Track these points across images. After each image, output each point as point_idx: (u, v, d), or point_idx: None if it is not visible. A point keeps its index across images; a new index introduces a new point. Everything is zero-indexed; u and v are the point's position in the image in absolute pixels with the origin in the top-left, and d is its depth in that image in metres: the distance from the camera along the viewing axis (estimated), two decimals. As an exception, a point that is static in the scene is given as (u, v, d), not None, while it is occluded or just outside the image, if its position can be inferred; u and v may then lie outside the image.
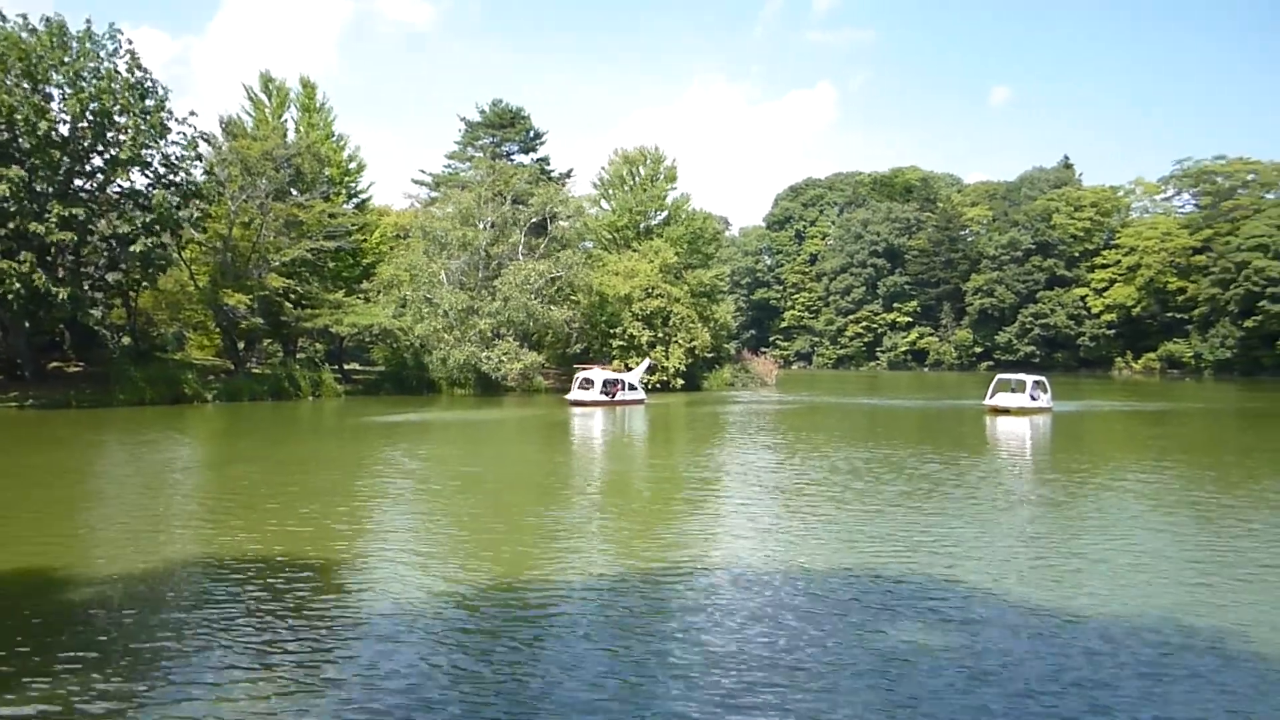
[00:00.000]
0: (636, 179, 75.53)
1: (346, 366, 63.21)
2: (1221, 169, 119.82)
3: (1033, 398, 45.49)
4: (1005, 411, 43.91)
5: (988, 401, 45.74)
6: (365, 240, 64.98)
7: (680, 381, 65.93)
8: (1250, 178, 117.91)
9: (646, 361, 59.33)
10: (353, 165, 66.23)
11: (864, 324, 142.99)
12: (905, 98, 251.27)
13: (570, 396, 49.56)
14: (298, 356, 59.89)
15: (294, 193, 55.67)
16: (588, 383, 50.12)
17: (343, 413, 43.46)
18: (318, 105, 64.14)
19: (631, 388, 51.84)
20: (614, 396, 49.82)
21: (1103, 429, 40.24)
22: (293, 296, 54.66)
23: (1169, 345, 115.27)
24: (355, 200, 66.64)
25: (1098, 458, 28.19)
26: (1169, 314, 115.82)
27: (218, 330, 55.88)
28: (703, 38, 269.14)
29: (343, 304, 55.98)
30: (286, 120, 62.44)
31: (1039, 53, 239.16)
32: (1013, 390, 46.74)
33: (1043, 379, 48.16)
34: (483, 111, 78.05)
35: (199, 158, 49.63)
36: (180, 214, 45.59)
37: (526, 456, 28.83)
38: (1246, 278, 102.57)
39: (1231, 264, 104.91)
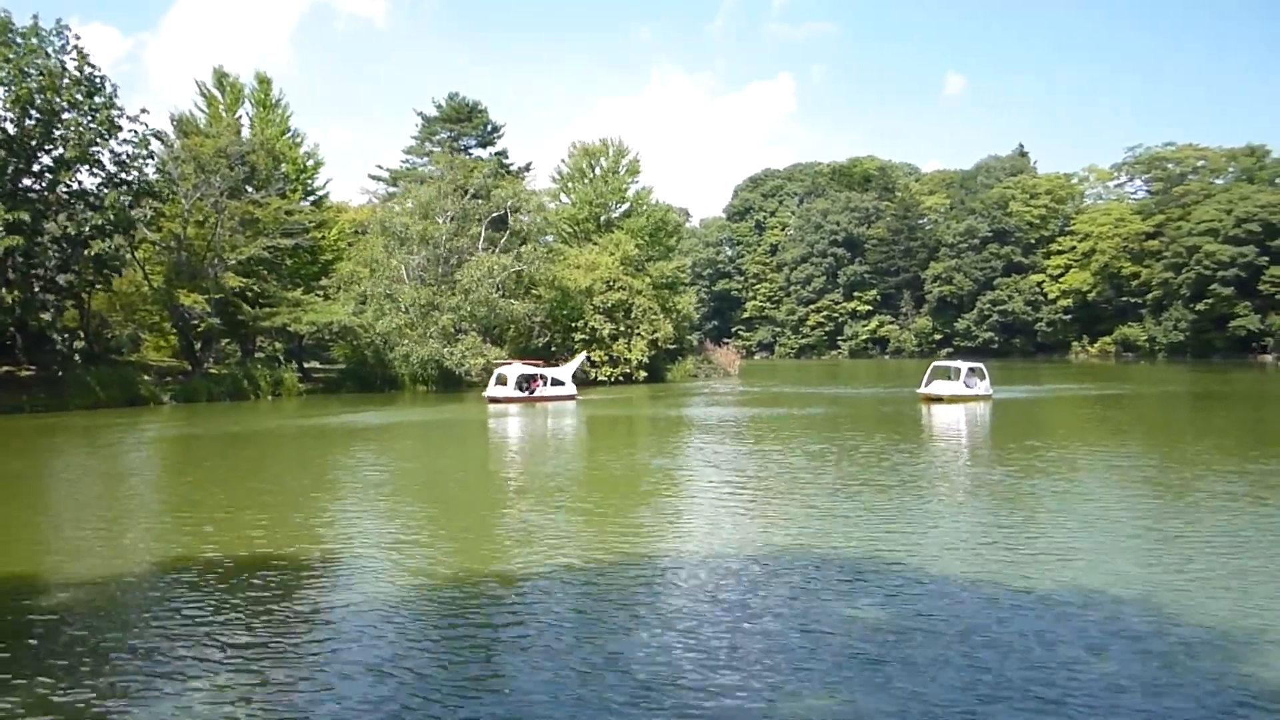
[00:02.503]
0: (597, 171, 75.45)
1: (307, 365, 62.59)
2: (1172, 155, 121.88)
3: (967, 385, 45.21)
4: (939, 399, 43.66)
5: (922, 390, 45.37)
6: (323, 237, 64.30)
7: (643, 373, 66.07)
8: (1200, 164, 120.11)
9: (581, 355, 57.55)
10: (310, 162, 65.53)
11: (825, 313, 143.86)
12: (863, 88, 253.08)
13: (487, 393, 47.25)
14: (256, 356, 59.22)
15: (249, 190, 54.94)
16: (503, 379, 47.45)
17: (303, 412, 43.03)
18: (273, 101, 63.35)
19: (557, 383, 49.11)
20: (533, 392, 47.38)
21: (1045, 414, 40.83)
22: (250, 295, 53.99)
23: (1124, 329, 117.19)
24: (312, 197, 65.90)
25: (1028, 443, 28.49)
26: (1123, 298, 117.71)
27: (174, 331, 55.08)
28: (662, 30, 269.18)
29: (301, 302, 55.36)
30: (241, 117, 61.64)
31: (993, 42, 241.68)
32: (948, 378, 46.36)
33: (979, 366, 47.89)
34: (440, 106, 77.58)
35: (151, 156, 48.84)
36: (133, 214, 44.87)
37: (483, 455, 28.76)
38: (1198, 262, 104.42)
39: (1183, 249, 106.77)
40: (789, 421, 36.52)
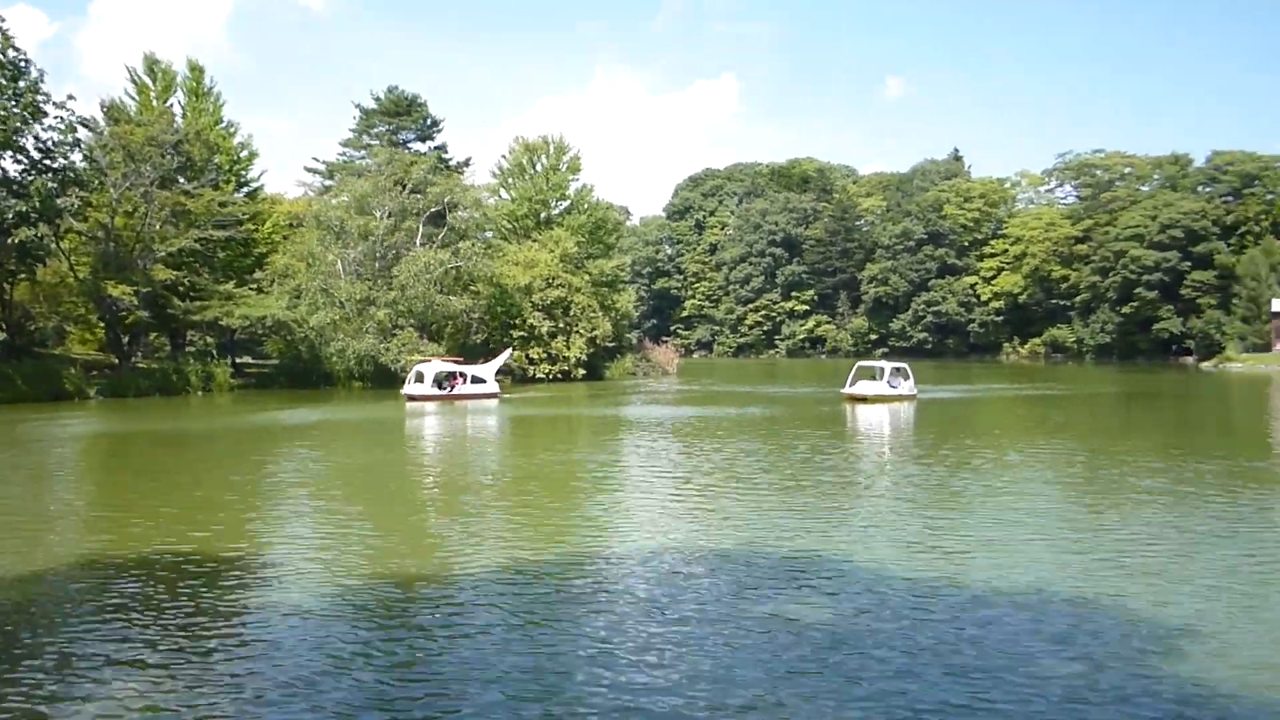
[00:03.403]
0: (538, 168, 75.15)
1: (239, 360, 61.48)
2: (1100, 162, 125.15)
3: (891, 385, 45.05)
4: (863, 399, 43.45)
5: (847, 390, 44.96)
6: (257, 230, 63.21)
7: (582, 371, 65.99)
8: (1127, 171, 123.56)
9: (506, 353, 56.13)
10: (244, 153, 64.36)
11: (763, 312, 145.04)
12: (804, 89, 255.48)
13: (404, 391, 45.85)
14: (187, 350, 58.01)
15: (181, 181, 53.75)
16: (421, 376, 46.15)
17: (233, 409, 42.30)
18: (205, 90, 62.07)
19: (478, 380, 47.95)
20: (452, 390, 46.39)
21: (971, 414, 41.51)
22: (181, 288, 52.85)
23: (1053, 330, 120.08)
24: (246, 189, 64.73)
25: (953, 443, 29.13)
26: (1053, 301, 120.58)
27: (100, 324, 53.66)
28: (605, 27, 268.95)
29: (234, 295, 54.32)
30: (173, 105, 60.28)
31: (932, 46, 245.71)
32: (873, 378, 45.97)
33: (903, 366, 48.00)
34: (378, 99, 76.61)
35: (78, 143, 47.60)
36: (59, 202, 43.67)
37: (406, 456, 28.55)
38: (1124, 266, 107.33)
39: (1110, 253, 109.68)
40: (724, 422, 36.75)
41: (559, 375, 65.07)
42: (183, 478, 21.64)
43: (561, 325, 65.87)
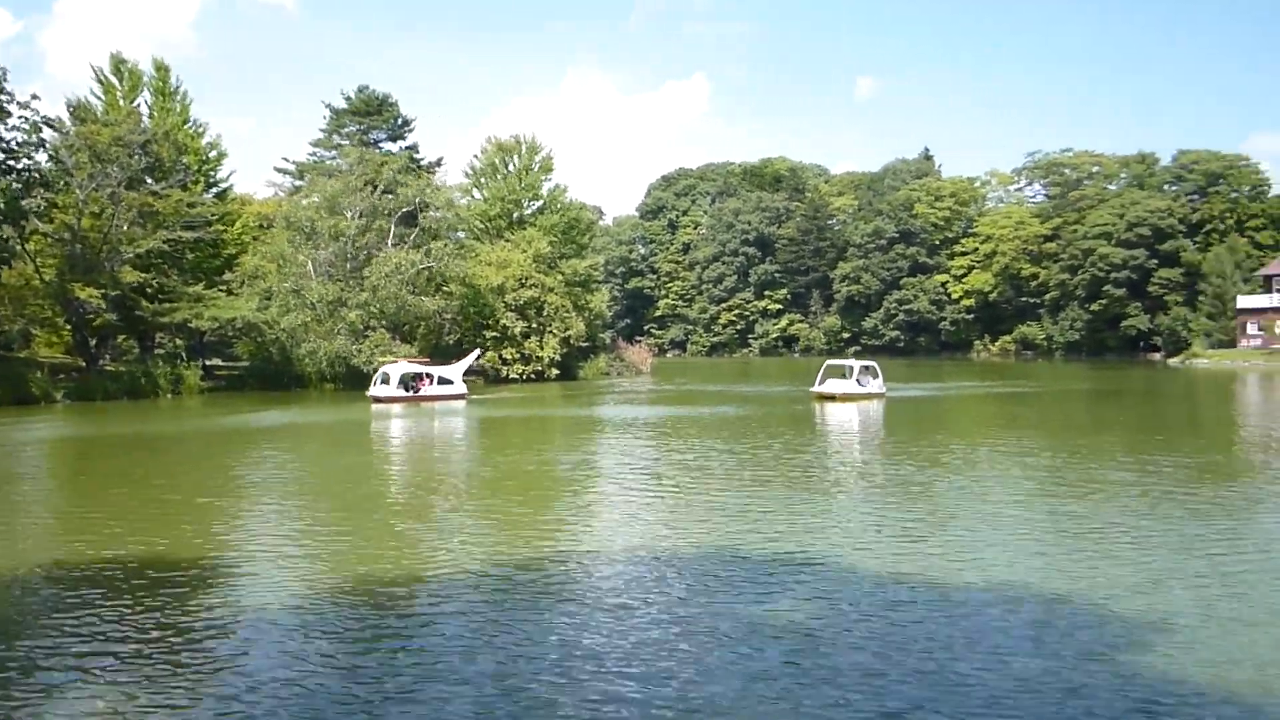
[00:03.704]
0: (511, 168, 74.96)
1: (209, 362, 60.89)
2: (1069, 161, 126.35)
3: (860, 383, 45.23)
4: (832, 398, 43.56)
5: (816, 388, 44.91)
6: (226, 231, 62.61)
7: (555, 371, 65.91)
8: (1095, 169, 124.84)
9: (474, 353, 55.70)
10: (212, 153, 63.75)
11: (736, 312, 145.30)
12: (776, 89, 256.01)
13: (370, 393, 45.41)
14: (156, 353, 57.41)
15: (149, 181, 53.16)
16: (386, 377, 45.79)
17: (202, 412, 41.91)
18: (172, 89, 61.44)
19: (445, 381, 47.57)
20: (418, 391, 45.99)
21: (941, 412, 41.80)
22: (149, 290, 52.28)
23: (1023, 328, 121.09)
24: (215, 189, 64.10)
25: (925, 441, 29.35)
26: (1023, 299, 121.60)
27: (67, 326, 52.99)
28: (577, 27, 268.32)
29: (203, 297, 53.81)
30: (140, 104, 59.61)
31: (903, 47, 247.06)
32: (843, 376, 46.08)
33: (872, 364, 48.10)
34: (349, 98, 76.09)
35: (43, 144, 46.99)
36: (24, 203, 43.07)
37: (374, 458, 28.42)
38: (1092, 264, 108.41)
39: (1079, 251, 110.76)
40: (696, 421, 36.82)
41: (532, 376, 64.96)
42: (150, 482, 21.43)
43: (535, 325, 65.74)
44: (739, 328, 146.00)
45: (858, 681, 8.75)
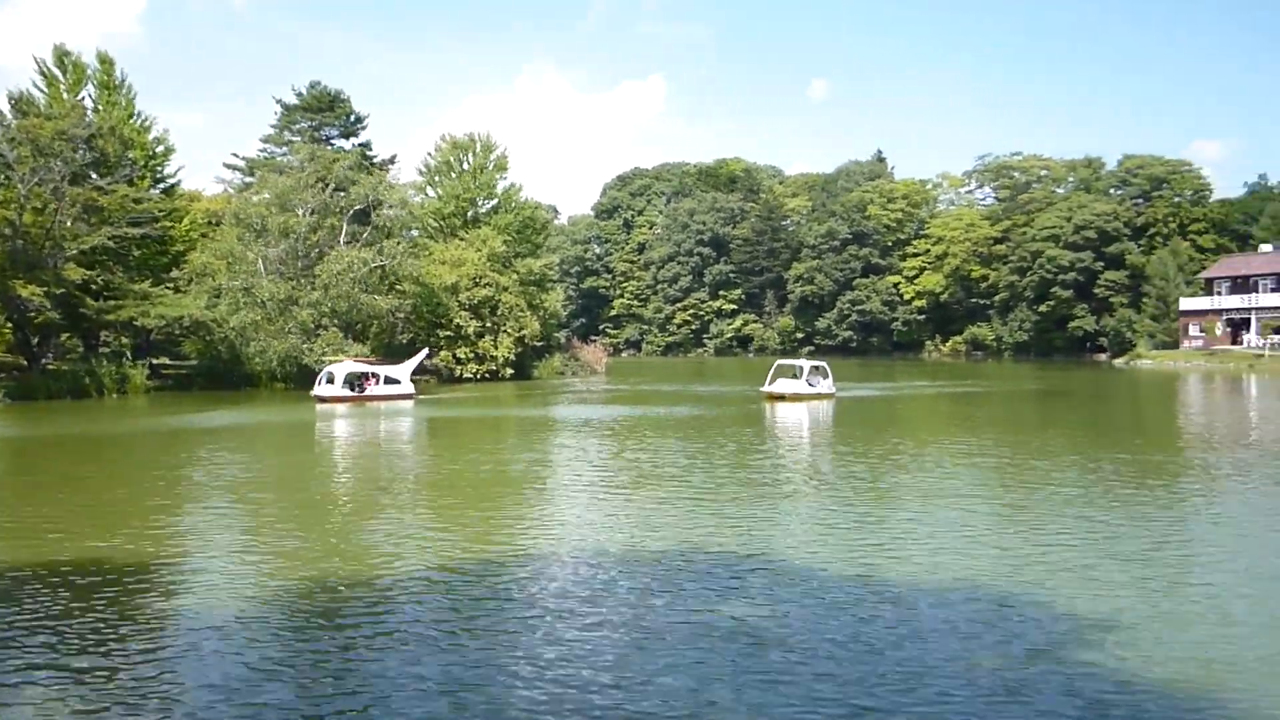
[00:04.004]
0: (465, 166, 74.51)
1: (155, 361, 59.80)
2: (1018, 164, 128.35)
3: (810, 384, 45.18)
4: (782, 398, 43.56)
5: (766, 388, 44.81)
6: (174, 227, 61.49)
7: (510, 371, 65.66)
8: (1043, 173, 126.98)
9: (422, 353, 54.95)
10: (159, 148, 62.59)
11: (691, 311, 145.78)
12: (732, 91, 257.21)
13: (314, 392, 44.74)
14: (101, 351, 56.27)
15: (94, 176, 52.07)
16: (330, 378, 45.03)
17: (147, 412, 41.14)
18: (118, 83, 60.24)
19: (392, 381, 46.95)
20: (363, 391, 45.43)
21: (893, 411, 42.08)
22: (94, 287, 51.20)
23: (973, 329, 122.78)
24: (163, 185, 62.95)
25: (862, 440, 29.64)
26: (973, 300, 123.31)
27: (8, 325, 51.73)
28: (534, 25, 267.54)
29: (150, 295, 52.78)
30: (84, 98, 58.35)
31: (856, 50, 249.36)
32: (793, 376, 46.02)
33: (822, 364, 48.10)
34: (300, 94, 75.22)
35: (-17, 137, 45.84)
36: (-38, 198, 42.00)
37: (321, 459, 28.13)
38: (1041, 266, 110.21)
39: (1027, 253, 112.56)
40: (649, 421, 36.85)
41: (486, 375, 64.65)
42: (93, 484, 21.00)
43: (489, 325, 65.43)
44: (694, 327, 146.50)
45: (808, 682, 8.79)
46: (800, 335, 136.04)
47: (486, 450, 27.68)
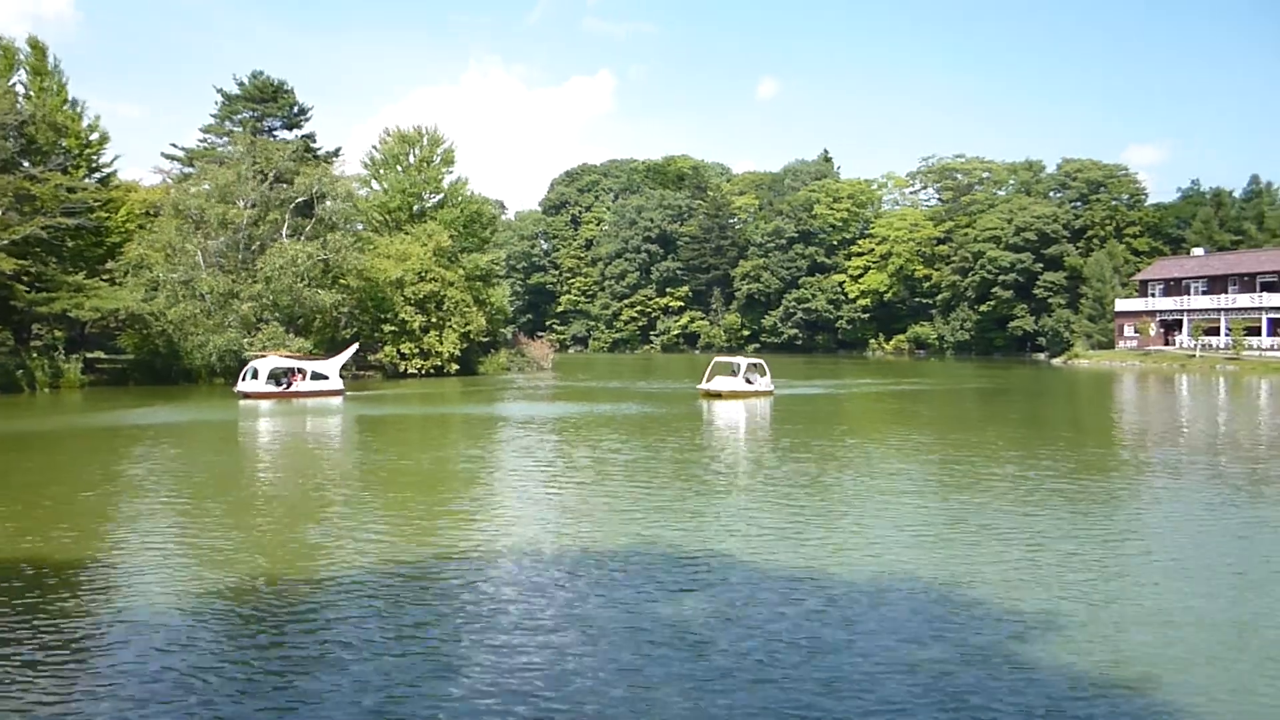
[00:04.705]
0: (411, 159, 73.78)
1: (90, 355, 58.36)
2: (961, 166, 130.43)
3: (747, 380, 45.01)
4: (718, 395, 43.35)
5: (703, 385, 44.62)
6: (110, 218, 60.14)
7: (455, 366, 65.19)
8: (985, 175, 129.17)
9: (353, 347, 53.47)
10: (94, 135, 61.11)
11: (638, 308, 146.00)
12: (680, 88, 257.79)
13: (237, 388, 43.76)
14: (33, 345, 54.77)
15: (26, 164, 50.66)
16: (255, 373, 43.97)
17: (82, 407, 40.15)
18: (50, 68, 58.68)
19: (319, 376, 45.85)
20: (289, 386, 44.47)
21: (822, 409, 42.03)
22: (25, 278, 49.81)
23: (916, 328, 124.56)
24: (98, 174, 61.48)
25: (798, 438, 29.89)
26: (916, 299, 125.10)
27: (-66, 316, 50.21)
28: (481, 19, 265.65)
29: (84, 287, 51.51)
30: (15, 84, 56.72)
31: (805, 50, 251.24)
32: (731, 374, 45.91)
33: (759, 362, 47.89)
34: (241, 84, 73.75)
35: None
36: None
37: (253, 458, 27.68)
38: (982, 266, 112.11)
39: (969, 254, 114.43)
40: (593, 418, 36.75)
41: (432, 371, 64.12)
42: (20, 482, 20.42)
43: (434, 320, 64.92)
44: (641, 324, 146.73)
45: (746, 684, 8.77)
46: (746, 333, 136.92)
47: (417, 448, 27.06)
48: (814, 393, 51.00)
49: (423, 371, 63.79)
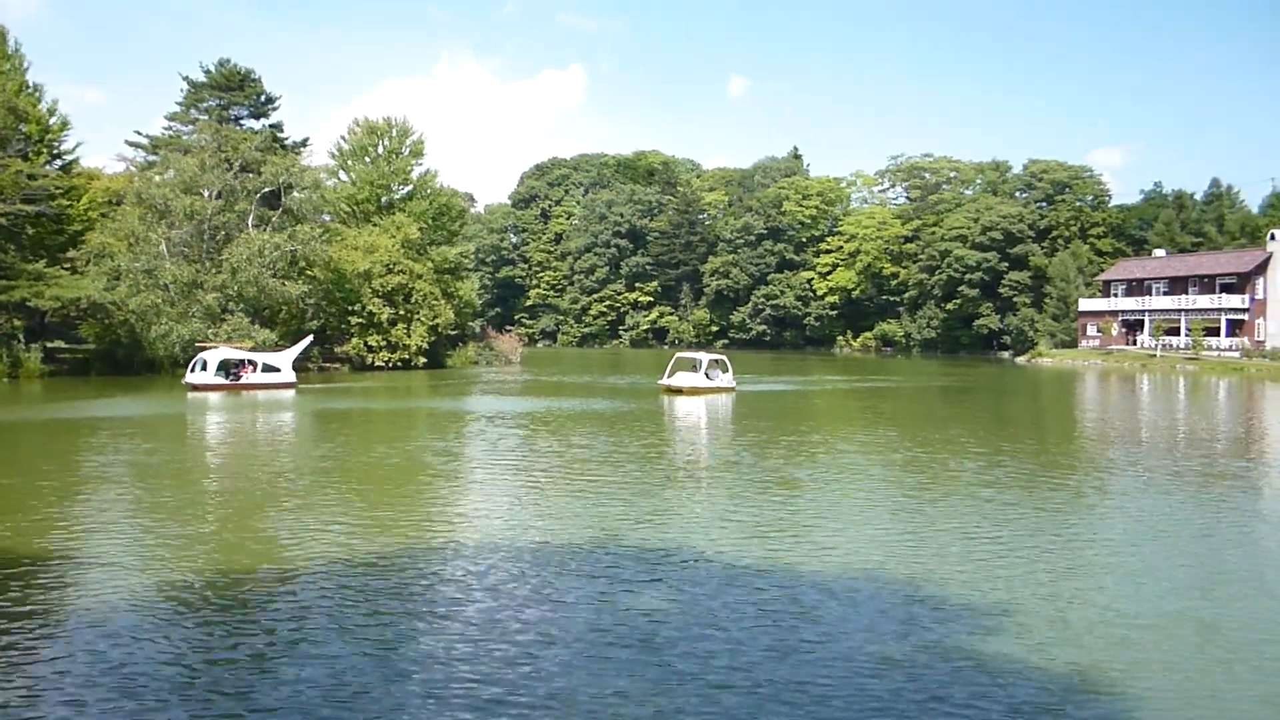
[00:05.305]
0: (380, 151, 73.22)
1: (51, 345, 57.44)
2: (929, 166, 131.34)
3: (708, 376, 44.64)
4: (679, 391, 43.06)
5: (664, 381, 44.38)
6: (72, 205, 59.22)
7: (423, 360, 64.88)
8: (953, 175, 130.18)
9: (306, 340, 52.40)
10: (54, 121, 60.08)
11: (607, 303, 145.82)
12: (651, 84, 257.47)
13: (186, 380, 43.10)
14: (-9, 333, 53.83)
15: (-16, 150, 49.79)
16: (204, 364, 43.37)
17: (42, 398, 39.53)
18: (8, 51, 57.63)
19: (271, 369, 45.31)
20: (239, 379, 43.88)
21: (783, 407, 42.02)
22: (-17, 266, 49.01)
23: (884, 325, 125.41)
24: (60, 161, 60.50)
25: (754, 436, 30.01)
26: (884, 296, 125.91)
27: (-111, 303, 49.20)
28: (453, 11, 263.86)
29: (45, 275, 50.68)
30: (-26, 70, 55.69)
31: (776, 48, 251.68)
32: (693, 369, 45.61)
33: (721, 358, 47.76)
34: (208, 71, 72.76)
35: None
36: None
37: (200, 452, 27.41)
38: (949, 265, 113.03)
39: (936, 253, 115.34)
40: (556, 414, 36.66)
41: (399, 364, 63.78)
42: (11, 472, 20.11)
43: (402, 312, 64.56)
44: (610, 319, 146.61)
45: (704, 689, 8.67)
46: (715, 328, 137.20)
47: (380, 443, 26.69)
48: (780, 389, 51.13)
49: (390, 364, 63.43)
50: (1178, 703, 8.65)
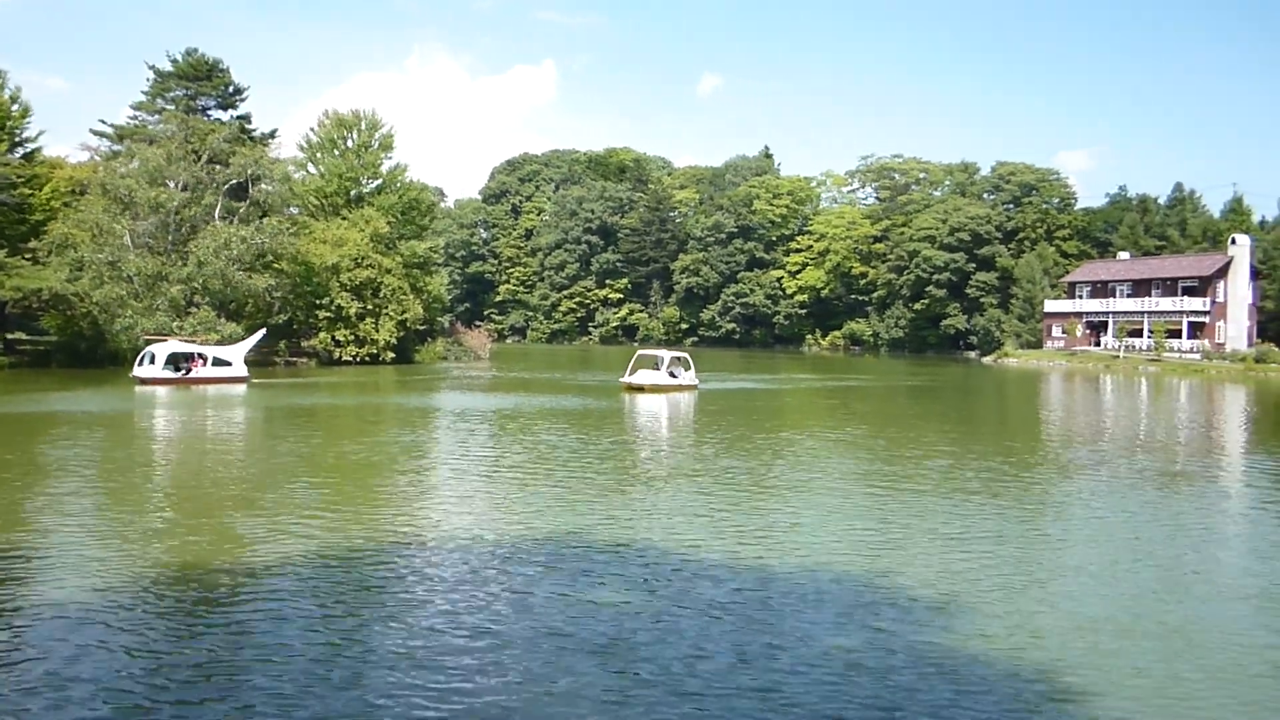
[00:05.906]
0: (349, 144, 72.63)
1: (11, 336, 56.57)
2: (899, 166, 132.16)
3: (671, 374, 44.42)
4: (640, 389, 42.85)
5: (626, 379, 44.15)
6: (34, 195, 58.28)
7: (391, 354, 64.50)
8: (922, 176, 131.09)
9: (259, 333, 51.47)
10: (15, 107, 59.11)
11: (577, 299, 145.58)
12: (623, 81, 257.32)
13: (134, 373, 42.44)
14: (-51, 324, 52.97)
15: (-57, 138, 48.91)
16: (152, 357, 42.64)
17: (3, 390, 38.90)
18: (-27, 39, 56.66)
19: (222, 363, 44.67)
20: (189, 373, 43.30)
21: (747, 405, 41.82)
22: (-58, 256, 48.14)
23: (852, 324, 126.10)
24: (21, 149, 59.53)
25: (718, 434, 29.99)
26: (853, 296, 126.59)
27: None
28: (425, 4, 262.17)
29: (5, 265, 49.89)
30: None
31: (748, 48, 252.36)
32: (655, 367, 45.34)
33: (684, 355, 47.58)
34: (175, 60, 71.87)
35: None
36: None
37: (152, 447, 27.12)
38: (917, 265, 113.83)
39: (905, 253, 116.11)
40: (522, 411, 36.54)
41: (367, 358, 63.37)
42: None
43: (370, 307, 64.14)
44: (580, 315, 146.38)
45: (667, 696, 8.57)
46: (685, 326, 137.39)
47: (346, 439, 26.48)
48: (747, 387, 51.21)
49: (358, 359, 63.03)
50: (1148, 707, 8.66)
